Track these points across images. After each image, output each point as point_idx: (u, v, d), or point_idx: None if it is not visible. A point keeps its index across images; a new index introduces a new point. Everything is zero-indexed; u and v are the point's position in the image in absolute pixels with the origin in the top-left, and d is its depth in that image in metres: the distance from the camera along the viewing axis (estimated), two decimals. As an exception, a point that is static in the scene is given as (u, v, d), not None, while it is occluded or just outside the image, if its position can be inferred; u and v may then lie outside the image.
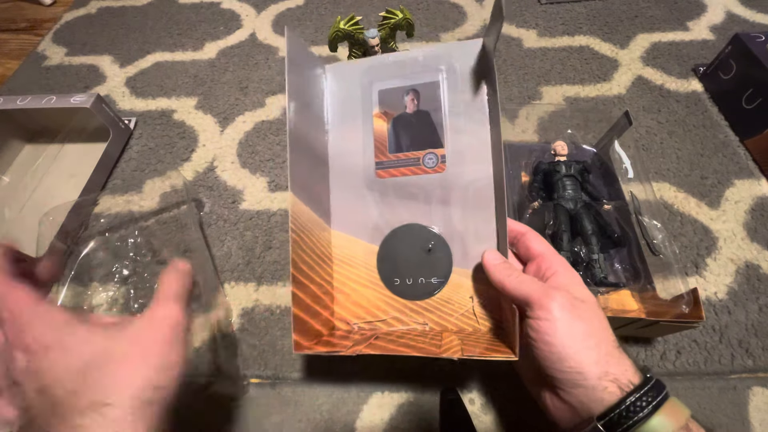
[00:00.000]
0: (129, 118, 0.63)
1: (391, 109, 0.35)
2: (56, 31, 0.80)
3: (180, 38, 0.77)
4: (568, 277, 0.28)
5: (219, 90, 0.67)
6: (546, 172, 0.44)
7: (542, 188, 0.44)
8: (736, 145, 0.55)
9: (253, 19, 0.79)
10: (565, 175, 0.42)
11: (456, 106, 0.34)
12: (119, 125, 0.59)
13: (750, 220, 0.49)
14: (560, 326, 0.25)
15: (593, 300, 0.27)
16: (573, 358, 0.24)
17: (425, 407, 0.39)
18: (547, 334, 0.25)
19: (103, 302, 0.45)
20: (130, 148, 0.61)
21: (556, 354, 0.25)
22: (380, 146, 0.35)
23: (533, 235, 0.31)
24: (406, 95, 0.35)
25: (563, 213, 0.40)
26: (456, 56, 0.34)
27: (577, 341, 0.25)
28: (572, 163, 0.43)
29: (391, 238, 0.34)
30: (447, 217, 0.33)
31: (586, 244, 0.39)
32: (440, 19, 0.76)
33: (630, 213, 0.42)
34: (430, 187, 0.34)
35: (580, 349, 0.24)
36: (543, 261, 0.30)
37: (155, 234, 0.50)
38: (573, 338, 0.25)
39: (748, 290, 0.44)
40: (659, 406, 0.23)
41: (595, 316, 0.26)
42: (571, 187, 0.42)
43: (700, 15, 0.73)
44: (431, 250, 0.33)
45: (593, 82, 0.64)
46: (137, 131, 0.63)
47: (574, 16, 0.75)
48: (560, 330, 0.25)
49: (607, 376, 0.24)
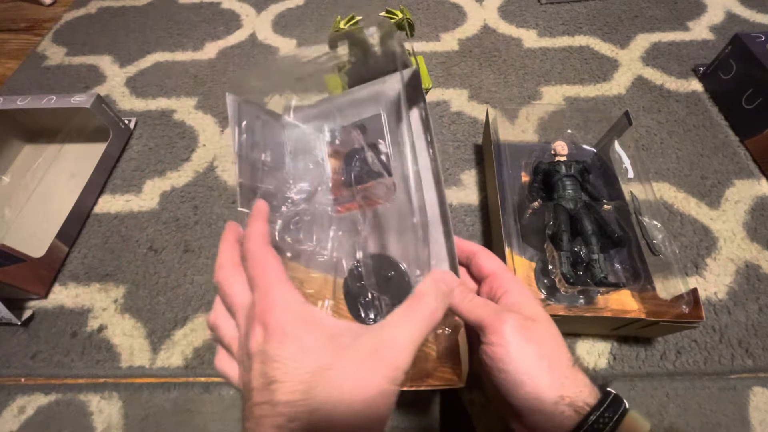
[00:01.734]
0: (129, 118, 0.63)
1: (342, 147, 0.36)
2: (56, 31, 0.80)
3: (180, 38, 0.77)
4: (519, 294, 0.27)
5: (219, 90, 0.67)
6: (546, 172, 0.44)
7: (542, 188, 0.44)
8: (736, 145, 0.55)
9: (253, 19, 0.79)
10: (565, 175, 0.42)
11: (396, 135, 0.34)
12: (119, 125, 0.59)
13: (750, 220, 0.49)
14: (513, 350, 0.24)
15: (545, 317, 0.26)
16: (528, 383, 0.23)
17: (425, 407, 0.39)
18: (501, 361, 0.24)
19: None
20: (130, 148, 0.61)
21: (511, 381, 0.24)
22: (336, 182, 0.36)
23: (485, 253, 0.30)
24: (354, 131, 0.36)
25: (563, 213, 0.40)
26: (393, 87, 0.34)
27: (531, 365, 0.24)
28: (572, 163, 0.43)
29: (353, 270, 0.35)
30: (403, 243, 0.34)
31: (586, 244, 0.39)
32: (440, 19, 0.76)
33: (630, 213, 0.42)
34: (385, 217, 0.34)
35: (534, 374, 0.24)
36: (494, 280, 0.29)
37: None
38: (527, 363, 0.24)
39: (748, 290, 0.44)
40: (618, 424, 0.22)
41: (547, 335, 0.25)
42: (571, 187, 0.42)
43: (700, 15, 0.73)
44: (391, 277, 0.33)
45: (593, 82, 0.64)
46: (137, 131, 0.63)
47: (574, 16, 0.75)
48: (513, 354, 0.24)
49: (563, 401, 0.23)
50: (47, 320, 0.46)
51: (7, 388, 0.42)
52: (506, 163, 0.45)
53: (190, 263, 0.49)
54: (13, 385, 0.42)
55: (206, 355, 0.43)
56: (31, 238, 0.51)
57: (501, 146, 0.46)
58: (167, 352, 0.43)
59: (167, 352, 0.43)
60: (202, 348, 0.43)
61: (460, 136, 0.59)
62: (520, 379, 0.24)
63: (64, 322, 0.46)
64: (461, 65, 0.68)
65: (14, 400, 0.41)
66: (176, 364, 0.42)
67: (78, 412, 0.41)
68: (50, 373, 0.43)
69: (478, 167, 0.55)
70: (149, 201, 0.55)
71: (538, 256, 0.42)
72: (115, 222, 0.53)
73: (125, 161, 0.59)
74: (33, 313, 0.46)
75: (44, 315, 0.46)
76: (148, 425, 0.40)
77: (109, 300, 0.47)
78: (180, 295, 0.47)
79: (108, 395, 0.41)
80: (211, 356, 0.43)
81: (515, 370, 0.24)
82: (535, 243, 0.42)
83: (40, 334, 0.45)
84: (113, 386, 0.42)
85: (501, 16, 0.76)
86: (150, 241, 0.51)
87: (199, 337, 0.44)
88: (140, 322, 0.45)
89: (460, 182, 0.54)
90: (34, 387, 0.42)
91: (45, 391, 0.42)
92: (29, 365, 0.43)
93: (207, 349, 0.43)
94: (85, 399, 0.41)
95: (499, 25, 0.74)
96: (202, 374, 0.42)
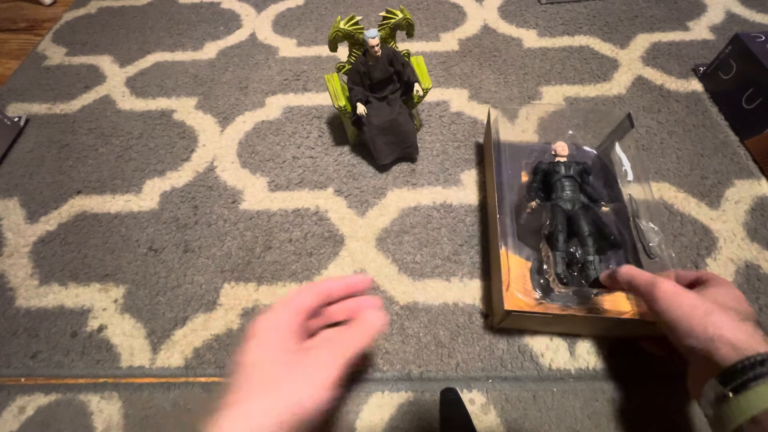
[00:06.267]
0: (18, 116, 0.63)
1: None
2: (56, 31, 0.80)
3: (180, 38, 0.77)
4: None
5: (219, 90, 0.67)
6: (545, 173, 0.44)
7: (541, 188, 0.44)
8: (736, 145, 0.55)
9: (253, 19, 0.79)
10: (564, 176, 0.42)
11: None
12: (3, 122, 0.59)
13: (750, 220, 0.49)
14: (665, 306, 0.31)
15: (722, 282, 0.34)
16: (680, 327, 0.30)
17: (425, 407, 0.39)
18: (658, 314, 0.31)
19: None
20: (130, 148, 0.61)
21: (669, 328, 0.31)
22: None
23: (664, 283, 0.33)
24: None
25: (560, 213, 0.40)
26: None
27: (683, 315, 0.30)
28: (572, 164, 0.43)
29: None
30: None
31: (582, 245, 0.39)
32: (440, 19, 0.76)
33: (628, 215, 0.42)
34: None
35: (684, 320, 0.30)
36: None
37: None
38: (678, 313, 0.30)
39: (748, 290, 0.44)
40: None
41: (718, 294, 0.32)
42: (569, 188, 0.42)
43: (700, 15, 0.73)
44: None
45: (593, 82, 0.64)
46: (136, 131, 0.63)
47: (574, 16, 0.75)
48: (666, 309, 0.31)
49: (720, 339, 0.27)
50: (47, 320, 0.46)
51: (7, 388, 0.42)
52: (506, 163, 0.45)
53: (190, 263, 0.49)
54: (13, 385, 0.42)
55: (206, 355, 0.43)
56: None
57: (501, 146, 0.46)
58: (167, 352, 0.43)
59: (167, 352, 0.43)
60: (202, 348, 0.43)
61: (460, 136, 0.59)
62: (674, 325, 0.30)
63: (64, 322, 0.46)
64: (461, 65, 0.68)
65: (14, 400, 0.41)
66: (176, 364, 0.42)
67: (78, 412, 0.41)
68: (50, 373, 0.43)
69: (478, 167, 0.55)
70: (149, 201, 0.55)
71: (534, 255, 0.42)
72: (115, 222, 0.53)
73: (125, 161, 0.59)
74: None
75: (44, 315, 0.46)
76: (148, 425, 0.40)
77: (109, 300, 0.47)
78: (180, 295, 0.47)
79: (108, 395, 0.41)
80: (211, 356, 0.43)
81: (669, 320, 0.30)
82: (532, 242, 0.42)
83: (40, 334, 0.45)
84: (113, 386, 0.42)
85: (501, 16, 0.76)
86: (150, 241, 0.51)
87: (199, 337, 0.44)
88: (140, 322, 0.45)
89: (460, 182, 0.54)
90: (34, 387, 0.42)
91: (45, 391, 0.42)
92: (29, 365, 0.43)
93: (207, 349, 0.43)
94: (85, 399, 0.41)
95: (499, 25, 0.74)
96: (202, 374, 0.42)
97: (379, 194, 0.54)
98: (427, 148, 0.58)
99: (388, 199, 0.53)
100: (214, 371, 0.42)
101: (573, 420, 0.38)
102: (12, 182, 0.58)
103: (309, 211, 0.53)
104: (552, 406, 0.39)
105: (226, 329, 0.44)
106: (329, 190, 0.54)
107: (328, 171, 0.56)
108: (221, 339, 0.44)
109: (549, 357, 0.41)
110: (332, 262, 0.48)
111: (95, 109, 0.66)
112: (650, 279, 0.32)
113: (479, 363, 0.41)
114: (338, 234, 0.50)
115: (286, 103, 0.65)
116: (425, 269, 0.47)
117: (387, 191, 0.54)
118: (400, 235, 0.50)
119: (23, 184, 0.58)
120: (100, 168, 0.59)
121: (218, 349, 0.43)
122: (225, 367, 0.42)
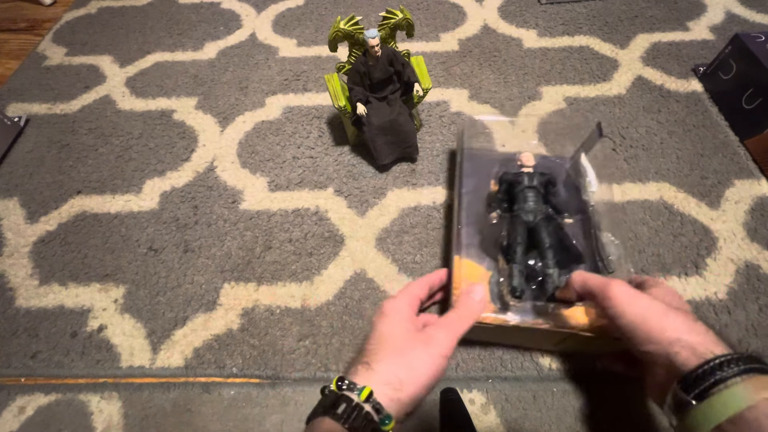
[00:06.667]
0: (18, 116, 0.63)
1: None
2: (56, 31, 0.80)
3: (180, 38, 0.77)
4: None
5: (219, 90, 0.67)
6: (510, 183, 0.42)
7: (505, 199, 0.43)
8: (736, 145, 0.55)
9: (253, 19, 0.79)
10: (528, 187, 0.41)
11: None
12: (4, 122, 0.59)
13: (750, 220, 0.49)
14: (620, 308, 0.30)
15: (662, 282, 0.34)
16: (639, 330, 0.29)
17: (425, 407, 0.39)
18: (614, 317, 0.31)
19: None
20: (130, 148, 0.61)
21: (625, 332, 0.29)
22: None
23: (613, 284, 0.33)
24: None
25: (521, 225, 0.39)
26: None
27: (640, 316, 0.29)
28: (536, 175, 0.42)
29: None
30: None
31: (542, 258, 0.38)
32: (440, 19, 0.76)
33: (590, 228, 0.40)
34: None
35: (640, 323, 0.29)
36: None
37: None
38: (635, 315, 0.29)
39: (748, 290, 0.44)
40: (744, 375, 0.23)
41: (661, 295, 0.31)
42: (532, 199, 0.40)
43: (700, 15, 0.73)
44: None
45: (593, 82, 0.64)
46: (136, 131, 0.63)
47: (574, 16, 0.75)
48: (621, 311, 0.30)
49: (678, 343, 0.27)
50: (47, 320, 0.46)
51: (7, 388, 0.42)
52: (474, 173, 0.45)
53: (190, 263, 0.49)
54: (13, 385, 0.42)
55: (206, 355, 0.43)
56: None
57: (465, 154, 0.46)
58: (167, 352, 0.43)
59: (167, 352, 0.43)
60: (202, 348, 0.43)
61: (460, 136, 0.59)
62: (631, 329, 0.29)
63: (64, 322, 0.46)
64: (461, 65, 0.68)
65: (14, 400, 0.41)
66: (176, 364, 0.42)
67: (78, 412, 0.41)
68: (50, 373, 0.43)
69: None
70: (149, 201, 0.55)
71: (495, 266, 0.40)
72: (115, 222, 0.53)
73: (125, 161, 0.59)
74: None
75: (44, 315, 0.46)
76: (148, 425, 0.40)
77: (109, 300, 0.47)
78: (180, 295, 0.47)
79: (108, 395, 0.41)
80: (211, 356, 0.43)
81: (626, 324, 0.29)
82: (493, 253, 0.40)
83: (40, 334, 0.45)
84: (113, 386, 0.42)
85: (501, 16, 0.76)
86: (150, 241, 0.51)
87: (199, 337, 0.44)
88: (140, 322, 0.45)
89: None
90: (34, 387, 0.42)
91: (45, 391, 0.42)
92: (29, 365, 0.43)
93: (207, 349, 0.43)
94: (85, 399, 0.41)
95: (499, 25, 0.74)
96: (202, 374, 0.42)
97: (379, 194, 0.54)
98: (427, 148, 0.58)
99: (388, 199, 0.53)
100: (214, 371, 0.42)
101: (573, 420, 0.38)
102: (12, 182, 0.58)
103: (309, 211, 0.53)
104: (552, 406, 0.39)
105: (226, 329, 0.44)
106: (329, 190, 0.54)
107: (328, 171, 0.56)
108: (221, 339, 0.44)
109: (549, 357, 0.41)
110: (332, 262, 0.48)
111: (95, 109, 0.66)
112: (603, 281, 0.31)
113: (479, 363, 0.41)
114: (338, 234, 0.50)
115: (286, 103, 0.65)
116: (425, 269, 0.47)
117: (387, 191, 0.54)
118: (400, 235, 0.50)
119: (23, 184, 0.58)
120: (100, 168, 0.59)
121: (218, 349, 0.43)
122: (225, 366, 0.42)
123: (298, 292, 0.46)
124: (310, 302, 0.46)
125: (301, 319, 0.45)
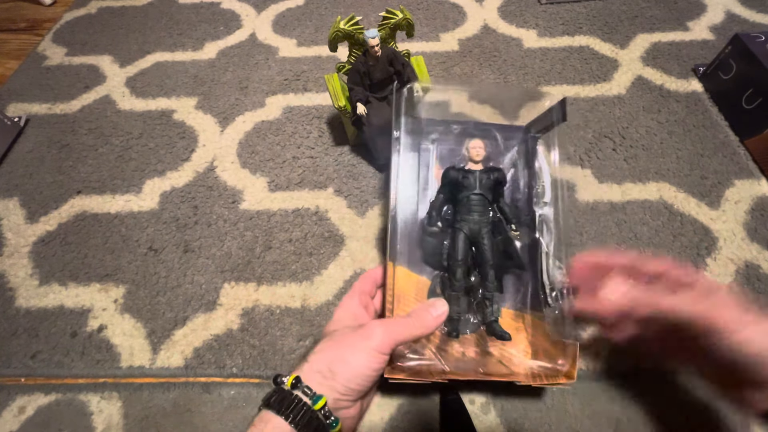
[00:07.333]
0: (18, 116, 0.63)
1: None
2: (56, 31, 0.80)
3: (180, 38, 0.77)
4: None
5: (219, 90, 0.67)
6: (453, 183, 0.38)
7: (447, 201, 0.39)
8: (736, 145, 0.55)
9: (253, 19, 0.79)
10: (474, 193, 0.37)
11: None
12: (4, 122, 0.59)
13: (750, 220, 0.49)
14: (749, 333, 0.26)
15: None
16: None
17: (425, 407, 0.39)
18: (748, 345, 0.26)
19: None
20: (130, 148, 0.61)
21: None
22: None
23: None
24: None
25: (462, 241, 0.36)
26: None
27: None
28: (485, 175, 0.37)
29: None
30: None
31: (483, 278, 0.35)
32: (440, 19, 0.76)
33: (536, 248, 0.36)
34: None
35: None
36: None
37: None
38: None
39: (748, 290, 0.44)
40: None
41: None
42: (477, 210, 0.36)
43: (700, 15, 0.73)
44: None
45: (593, 82, 0.64)
46: (136, 131, 0.63)
47: (574, 16, 0.75)
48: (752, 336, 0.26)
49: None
50: (47, 320, 0.46)
51: (7, 388, 0.42)
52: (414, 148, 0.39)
53: (190, 263, 0.49)
54: (13, 385, 0.42)
55: (206, 355, 0.43)
56: None
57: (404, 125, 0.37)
58: (167, 352, 0.43)
59: (167, 352, 0.43)
60: (202, 348, 0.43)
61: (460, 136, 0.59)
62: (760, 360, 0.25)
63: (64, 322, 0.46)
64: (461, 65, 0.68)
65: (14, 400, 0.41)
66: (176, 364, 0.42)
67: (78, 412, 0.41)
68: (50, 373, 0.43)
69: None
70: (149, 201, 0.55)
71: (437, 276, 0.37)
72: (115, 222, 0.53)
73: (125, 161, 0.59)
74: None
75: (44, 315, 0.46)
76: (148, 425, 0.40)
77: (109, 300, 0.47)
78: (180, 295, 0.47)
79: (108, 395, 0.41)
80: (211, 356, 0.43)
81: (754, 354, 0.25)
82: (433, 263, 0.37)
83: (40, 334, 0.45)
84: (113, 386, 0.42)
85: (501, 16, 0.76)
86: (150, 241, 0.51)
87: (199, 337, 0.44)
88: (140, 322, 0.45)
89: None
90: (34, 387, 0.42)
91: (45, 391, 0.42)
92: (29, 365, 0.43)
93: (207, 349, 0.43)
94: (85, 399, 0.41)
95: (499, 25, 0.74)
96: (202, 374, 0.42)
97: (379, 194, 0.54)
98: (427, 148, 0.58)
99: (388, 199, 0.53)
100: (214, 371, 0.42)
101: (573, 420, 0.38)
102: (12, 182, 0.58)
103: (309, 211, 0.53)
104: (552, 406, 0.39)
105: (226, 329, 0.44)
106: (329, 190, 0.54)
107: (328, 171, 0.56)
108: (221, 339, 0.44)
109: (549, 357, 0.41)
110: (332, 262, 0.48)
111: (95, 109, 0.66)
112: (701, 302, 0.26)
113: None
114: (338, 234, 0.50)
115: (286, 103, 0.65)
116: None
117: (387, 191, 0.54)
118: (400, 235, 0.50)
119: (23, 184, 0.58)
120: (100, 168, 0.59)
121: (218, 349, 0.43)
122: (225, 366, 0.42)
123: (298, 292, 0.46)
124: (310, 302, 0.46)
125: (301, 319, 0.45)
